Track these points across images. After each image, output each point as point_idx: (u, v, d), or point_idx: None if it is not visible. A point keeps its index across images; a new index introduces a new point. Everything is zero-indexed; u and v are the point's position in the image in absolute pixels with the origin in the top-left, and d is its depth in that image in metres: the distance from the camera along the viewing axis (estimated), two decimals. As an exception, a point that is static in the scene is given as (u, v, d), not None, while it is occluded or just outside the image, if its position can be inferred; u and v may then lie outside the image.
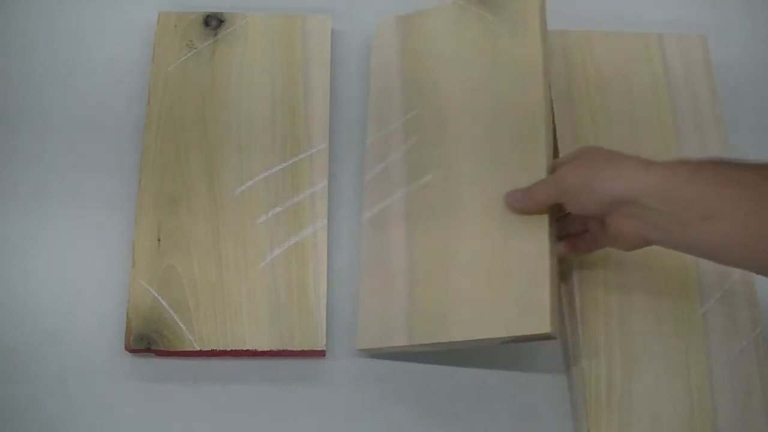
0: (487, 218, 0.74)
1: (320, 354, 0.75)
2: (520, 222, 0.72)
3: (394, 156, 0.80)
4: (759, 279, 0.78)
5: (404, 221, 0.77)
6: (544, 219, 0.72)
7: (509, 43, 0.80)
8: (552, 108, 0.80)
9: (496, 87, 0.79)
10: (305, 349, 0.75)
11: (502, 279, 0.72)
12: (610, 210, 0.66)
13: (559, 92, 0.83)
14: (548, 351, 0.78)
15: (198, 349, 0.74)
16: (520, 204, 0.72)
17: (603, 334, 0.75)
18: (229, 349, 0.74)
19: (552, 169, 0.72)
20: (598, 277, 0.77)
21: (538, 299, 0.69)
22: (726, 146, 0.82)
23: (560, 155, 0.80)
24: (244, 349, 0.74)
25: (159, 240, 0.77)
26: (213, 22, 0.87)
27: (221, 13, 0.87)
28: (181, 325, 0.74)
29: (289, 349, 0.75)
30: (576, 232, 0.74)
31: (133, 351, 0.74)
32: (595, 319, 0.75)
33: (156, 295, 0.75)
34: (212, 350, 0.74)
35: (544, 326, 0.68)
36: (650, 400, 0.72)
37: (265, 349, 0.74)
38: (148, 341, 0.74)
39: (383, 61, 0.85)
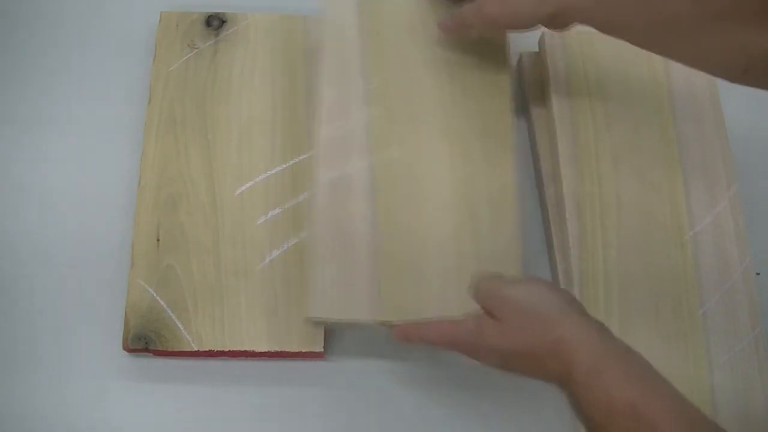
0: (455, 202, 0.75)
1: (319, 356, 0.75)
2: (491, 207, 0.74)
3: (355, 121, 0.76)
4: (759, 279, 0.78)
5: (369, 194, 0.74)
6: (513, 206, 0.74)
7: (476, 40, 0.81)
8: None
9: (463, 75, 0.80)
10: (304, 350, 0.75)
11: (473, 263, 0.72)
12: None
13: (559, 92, 0.83)
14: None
15: (196, 349, 0.74)
16: (449, 27, 0.77)
17: (603, 334, 0.74)
18: (227, 349, 0.74)
19: None
20: (598, 277, 0.76)
21: None
22: (726, 145, 0.82)
23: (560, 155, 0.81)
24: (242, 350, 0.74)
25: (158, 240, 0.77)
26: (215, 22, 0.87)
27: (223, 13, 0.87)
28: (180, 325, 0.74)
29: (288, 350, 0.74)
30: None
31: (131, 351, 0.74)
32: (594, 319, 0.75)
33: (154, 295, 0.75)
34: (210, 351, 0.74)
35: None
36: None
37: (264, 350, 0.74)
38: (145, 341, 0.73)
39: (339, 15, 0.81)
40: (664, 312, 0.75)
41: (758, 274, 0.78)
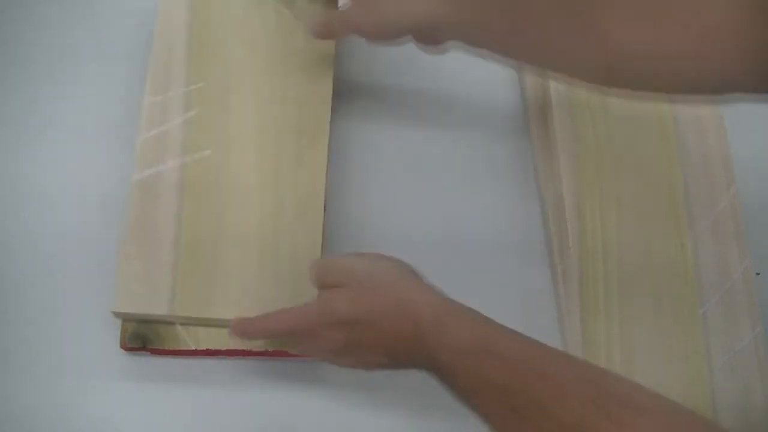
0: (262, 201, 0.76)
1: (317, 355, 0.75)
2: (295, 208, 0.76)
3: (172, 123, 0.78)
4: (759, 279, 0.78)
5: (177, 191, 0.75)
6: (320, 207, 0.76)
7: (303, 42, 0.82)
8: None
9: (285, 78, 0.81)
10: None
11: (273, 262, 0.74)
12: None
13: (559, 92, 0.83)
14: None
15: (193, 348, 0.73)
16: (315, 32, 0.76)
17: (603, 334, 0.74)
18: (224, 349, 0.74)
19: None
20: (598, 277, 0.76)
21: (307, 288, 0.71)
22: (726, 146, 0.82)
23: (560, 155, 0.81)
24: (240, 349, 0.74)
25: (156, 239, 0.78)
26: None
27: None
28: (177, 324, 0.74)
29: (285, 349, 0.74)
30: None
31: (129, 349, 0.73)
32: (595, 319, 0.75)
33: (152, 293, 0.76)
34: (207, 350, 0.73)
35: None
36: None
37: (261, 349, 0.74)
38: (143, 340, 0.73)
39: (169, 21, 0.82)
40: (664, 312, 0.76)
41: (758, 274, 0.79)
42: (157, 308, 0.72)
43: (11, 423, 0.73)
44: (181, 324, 0.73)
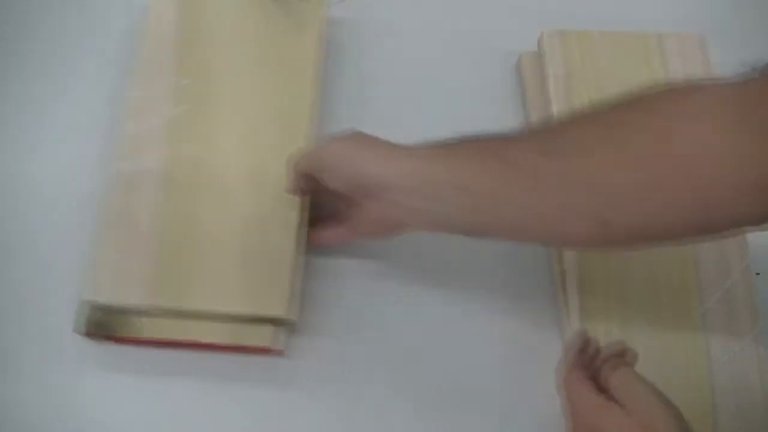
0: (241, 195, 0.76)
1: (278, 353, 0.73)
2: (273, 204, 0.76)
3: (159, 118, 0.79)
4: (759, 279, 0.78)
5: (158, 183, 0.76)
6: (296, 204, 0.76)
7: (291, 41, 0.84)
8: (317, 108, 0.82)
9: (268, 77, 0.82)
10: (263, 345, 0.73)
11: (248, 256, 0.74)
12: (367, 194, 0.68)
13: (559, 92, 0.83)
14: (548, 351, 0.76)
15: (151, 337, 0.72)
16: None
17: (603, 334, 0.74)
18: (182, 339, 0.73)
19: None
20: (598, 277, 0.76)
21: (277, 282, 0.73)
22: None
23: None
24: (192, 340, 0.73)
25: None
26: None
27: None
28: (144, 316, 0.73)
29: (246, 344, 0.73)
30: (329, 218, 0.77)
31: (91, 336, 0.72)
32: (595, 319, 0.74)
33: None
34: (162, 339, 0.72)
35: (279, 309, 0.72)
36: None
37: (218, 341, 0.73)
38: (105, 327, 0.72)
39: (159, 18, 0.84)
40: (664, 312, 0.75)
41: (758, 274, 0.78)
42: (135, 299, 0.72)
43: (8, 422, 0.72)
44: (156, 316, 0.73)
